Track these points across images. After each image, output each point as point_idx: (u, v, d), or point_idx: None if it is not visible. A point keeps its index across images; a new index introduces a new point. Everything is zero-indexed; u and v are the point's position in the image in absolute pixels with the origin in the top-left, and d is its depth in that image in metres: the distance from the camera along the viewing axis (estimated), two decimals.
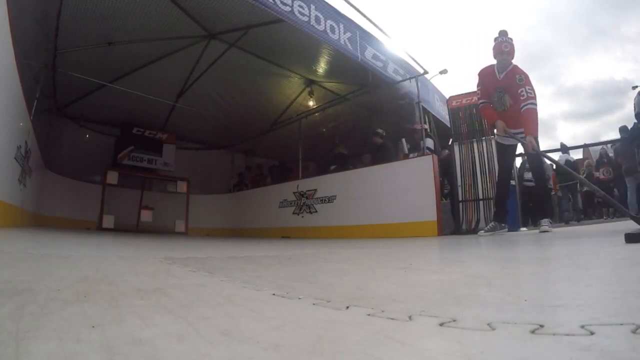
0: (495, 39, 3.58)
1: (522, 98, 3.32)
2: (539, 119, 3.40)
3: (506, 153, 3.72)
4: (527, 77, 3.38)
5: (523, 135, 3.35)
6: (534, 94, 3.33)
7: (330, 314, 0.64)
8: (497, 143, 3.88)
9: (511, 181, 4.90)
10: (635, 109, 5.56)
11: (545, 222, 3.46)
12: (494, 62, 3.60)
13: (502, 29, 3.60)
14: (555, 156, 7.17)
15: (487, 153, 4.52)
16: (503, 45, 3.47)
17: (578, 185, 8.41)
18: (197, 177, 8.14)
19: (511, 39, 3.51)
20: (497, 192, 3.87)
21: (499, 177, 3.87)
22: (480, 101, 3.73)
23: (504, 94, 3.50)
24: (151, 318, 0.58)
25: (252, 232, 7.17)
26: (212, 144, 9.10)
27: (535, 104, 3.31)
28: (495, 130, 3.74)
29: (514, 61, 3.54)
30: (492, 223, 3.67)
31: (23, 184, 4.12)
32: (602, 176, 8.17)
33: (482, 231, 3.72)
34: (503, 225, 3.64)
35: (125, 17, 4.62)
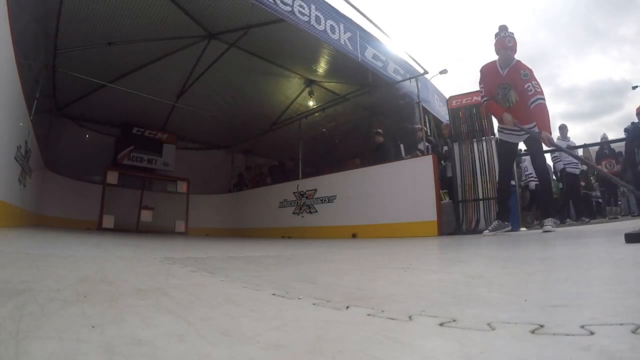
0: (497, 35, 3.49)
1: (529, 94, 3.22)
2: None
3: (507, 150, 3.67)
4: (531, 72, 3.31)
5: (537, 130, 3.30)
6: (540, 88, 3.24)
7: (330, 314, 0.64)
8: (499, 140, 3.78)
9: (511, 181, 4.91)
10: None
11: (548, 222, 3.41)
12: (495, 58, 3.53)
13: (501, 24, 3.50)
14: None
15: (487, 153, 4.50)
16: (507, 40, 3.38)
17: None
18: (197, 177, 8.14)
19: (512, 34, 3.41)
20: (499, 190, 3.82)
21: (499, 175, 3.81)
22: (484, 99, 3.64)
23: (509, 90, 3.41)
24: (151, 318, 0.58)
25: (252, 232, 7.17)
26: (212, 144, 9.11)
27: (544, 99, 3.22)
28: (502, 124, 3.61)
29: (516, 56, 3.44)
30: (496, 222, 3.65)
31: (23, 184, 4.12)
32: (604, 169, 7.25)
33: (487, 231, 3.67)
34: (506, 223, 3.62)
35: (125, 17, 4.62)
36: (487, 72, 3.55)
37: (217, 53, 5.64)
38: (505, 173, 3.72)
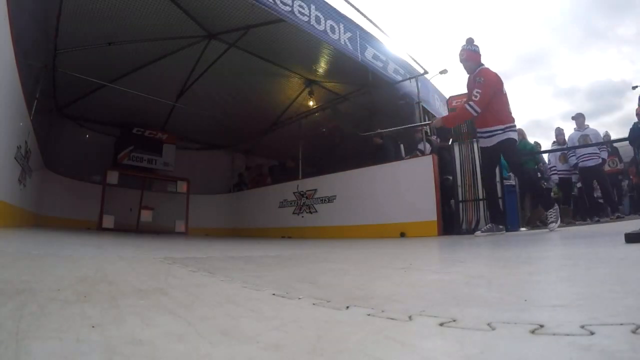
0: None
1: (470, 96, 3.48)
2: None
3: (484, 155, 3.84)
4: (487, 80, 3.40)
5: (488, 135, 3.49)
6: (481, 98, 3.38)
7: (330, 314, 0.64)
8: (480, 147, 3.98)
9: (511, 181, 4.90)
10: None
11: (549, 217, 3.35)
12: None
13: (469, 37, 3.68)
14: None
15: None
16: (459, 54, 3.66)
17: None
18: (197, 177, 8.14)
19: (469, 47, 3.60)
20: (486, 194, 3.95)
21: (482, 180, 4.03)
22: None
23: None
24: (151, 318, 0.58)
25: (252, 232, 7.17)
26: (212, 144, 9.10)
27: (473, 108, 3.42)
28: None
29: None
30: (489, 224, 3.66)
31: (23, 184, 4.12)
32: (607, 168, 6.48)
33: (479, 232, 3.70)
34: (501, 227, 3.62)
35: (125, 17, 4.62)
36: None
37: (217, 53, 5.63)
38: (485, 175, 3.86)
